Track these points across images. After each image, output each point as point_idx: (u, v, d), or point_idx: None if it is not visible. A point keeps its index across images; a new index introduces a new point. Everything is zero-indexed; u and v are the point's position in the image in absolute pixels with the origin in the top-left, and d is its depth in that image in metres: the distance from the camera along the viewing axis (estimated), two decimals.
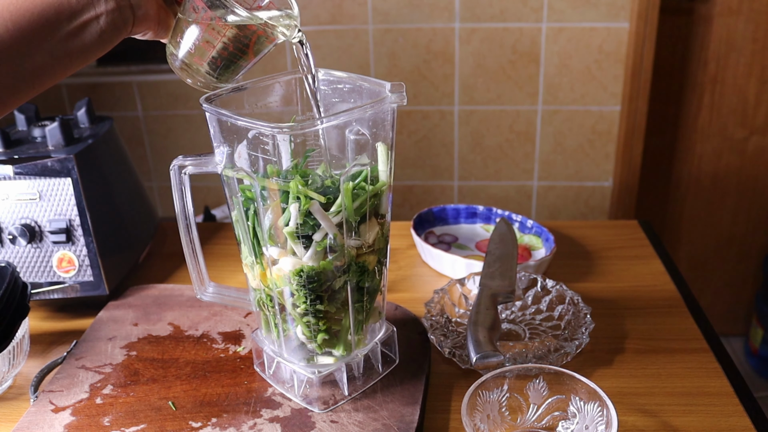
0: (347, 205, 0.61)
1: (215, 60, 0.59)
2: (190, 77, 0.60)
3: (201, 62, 0.59)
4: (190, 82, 0.61)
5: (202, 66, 0.59)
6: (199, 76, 0.60)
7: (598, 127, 1.97)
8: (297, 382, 0.68)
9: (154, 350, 0.78)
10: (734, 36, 1.93)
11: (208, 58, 0.59)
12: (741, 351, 2.28)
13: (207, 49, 0.58)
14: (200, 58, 0.59)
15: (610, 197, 2.06)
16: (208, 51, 0.58)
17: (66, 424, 0.66)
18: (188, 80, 0.61)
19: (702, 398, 0.69)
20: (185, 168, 0.66)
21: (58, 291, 0.86)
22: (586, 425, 0.61)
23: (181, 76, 0.61)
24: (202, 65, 0.59)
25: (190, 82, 0.61)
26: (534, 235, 1.01)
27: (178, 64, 0.60)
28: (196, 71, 0.60)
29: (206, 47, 0.58)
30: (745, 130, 2.04)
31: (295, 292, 0.63)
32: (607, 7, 1.83)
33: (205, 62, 0.59)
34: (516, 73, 1.93)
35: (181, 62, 0.59)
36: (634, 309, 0.85)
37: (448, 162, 2.06)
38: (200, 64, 0.59)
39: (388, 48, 1.93)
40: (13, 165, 0.83)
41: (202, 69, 0.59)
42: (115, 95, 2.06)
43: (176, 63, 0.60)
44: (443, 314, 0.80)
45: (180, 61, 0.59)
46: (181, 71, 0.60)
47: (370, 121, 0.61)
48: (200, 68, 0.59)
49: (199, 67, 0.59)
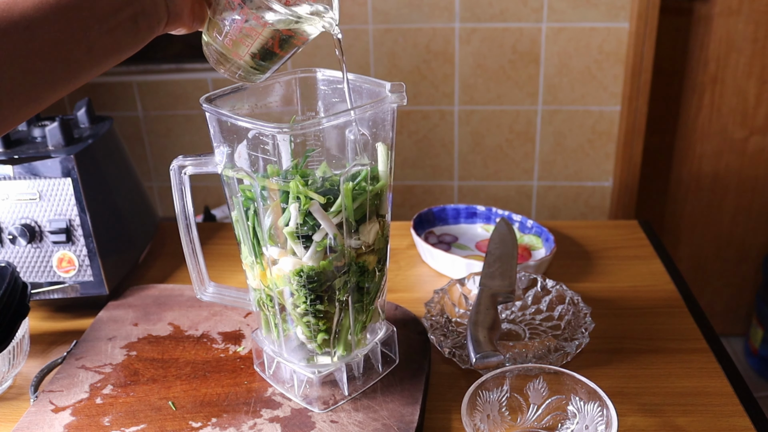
0: (347, 206, 0.61)
1: (254, 55, 0.58)
2: (227, 70, 0.59)
3: (239, 56, 0.58)
4: (225, 74, 0.60)
5: (240, 59, 0.58)
6: (236, 67, 0.59)
7: (598, 127, 1.97)
8: (297, 382, 0.68)
9: (154, 350, 0.78)
10: (734, 36, 1.93)
11: (246, 54, 0.58)
12: (741, 351, 2.28)
13: (244, 44, 0.57)
14: (237, 52, 0.58)
15: (610, 197, 2.06)
16: (246, 46, 0.57)
17: (66, 424, 0.66)
18: (222, 71, 0.60)
19: (702, 398, 0.69)
20: (185, 168, 0.67)
21: (58, 291, 0.86)
22: (586, 425, 0.61)
23: (216, 68, 0.60)
24: (241, 59, 0.58)
25: (226, 74, 0.60)
26: (534, 235, 1.01)
27: (215, 56, 0.59)
28: (233, 63, 0.59)
29: (244, 42, 0.57)
30: (745, 130, 2.04)
31: (295, 292, 0.63)
32: (607, 7, 1.83)
33: (244, 56, 0.58)
34: (516, 73, 1.93)
35: (217, 54, 0.58)
36: (634, 309, 0.85)
37: (448, 162, 2.06)
38: (238, 57, 0.58)
39: (388, 48, 1.93)
40: (13, 165, 0.83)
41: (240, 62, 0.58)
42: (115, 95, 2.06)
43: (212, 55, 0.59)
44: (443, 314, 0.80)
45: (217, 53, 0.58)
46: (218, 64, 0.59)
47: (370, 121, 0.61)
48: (238, 61, 0.58)
49: (237, 60, 0.58)
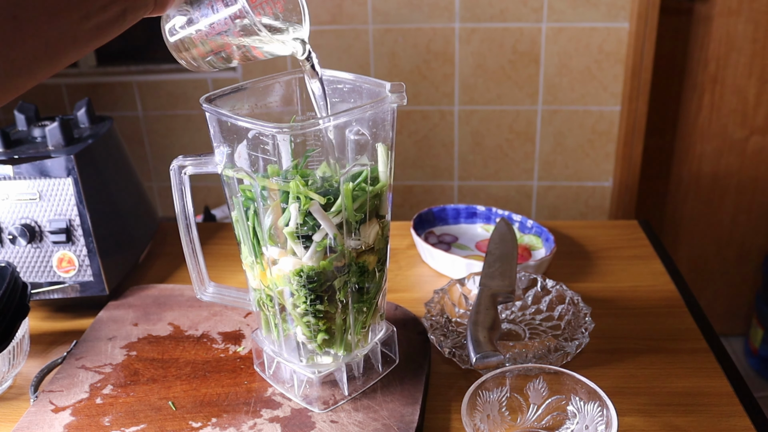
0: (347, 206, 0.61)
1: (217, 57, 0.57)
2: (182, 57, 0.59)
3: (201, 54, 0.57)
4: (177, 58, 0.59)
5: (201, 56, 0.58)
6: (192, 59, 0.58)
7: (598, 127, 1.97)
8: (297, 382, 0.68)
9: (154, 350, 0.78)
10: (734, 36, 1.93)
11: (209, 55, 0.57)
12: (741, 351, 2.28)
13: (212, 45, 0.56)
14: (201, 49, 0.57)
15: (610, 197, 2.06)
16: (213, 49, 0.57)
17: (66, 424, 0.66)
18: (176, 56, 0.59)
19: (702, 398, 0.69)
20: (185, 168, 0.66)
21: (58, 291, 0.86)
22: (586, 425, 0.61)
23: (171, 51, 0.59)
24: (203, 56, 0.58)
25: (179, 59, 0.59)
26: (534, 235, 1.01)
27: (176, 44, 0.58)
28: (192, 55, 0.58)
29: (212, 43, 0.56)
30: (745, 130, 2.04)
31: (295, 292, 0.63)
32: (607, 7, 1.83)
33: (207, 55, 0.57)
34: (516, 73, 1.93)
35: (180, 43, 0.58)
36: (634, 309, 0.85)
37: (448, 162, 2.06)
38: (200, 54, 0.57)
39: (388, 48, 1.93)
40: (13, 165, 0.83)
41: (199, 57, 0.58)
42: (115, 95, 2.06)
43: (172, 41, 0.58)
44: (443, 314, 0.80)
45: (177, 42, 0.58)
46: (176, 50, 0.58)
47: (370, 121, 0.61)
48: (198, 56, 0.58)
49: (197, 55, 0.58)
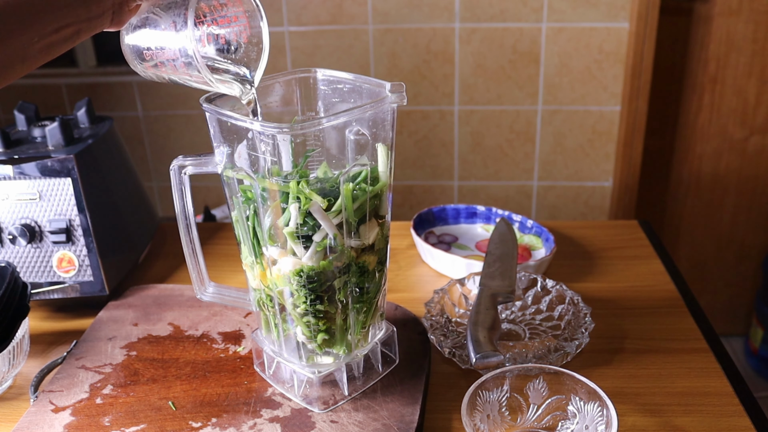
0: (347, 206, 0.61)
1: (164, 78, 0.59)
2: (135, 68, 0.60)
3: (151, 70, 0.59)
4: (132, 66, 0.60)
5: (151, 72, 0.59)
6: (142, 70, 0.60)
7: (598, 127, 1.97)
8: (297, 382, 0.68)
9: (154, 350, 0.78)
10: (734, 36, 1.93)
11: (159, 75, 0.59)
12: (741, 351, 2.28)
13: (161, 70, 0.58)
14: (153, 68, 0.58)
15: (610, 197, 2.06)
16: (162, 71, 0.58)
17: (66, 424, 0.66)
18: (132, 66, 0.60)
19: (702, 398, 0.69)
20: (185, 168, 0.67)
21: (58, 291, 0.86)
22: (586, 425, 0.61)
23: (125, 56, 0.60)
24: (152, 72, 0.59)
25: (132, 66, 0.60)
26: (534, 235, 1.01)
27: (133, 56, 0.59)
28: (140, 69, 0.60)
29: (161, 68, 0.58)
30: (745, 130, 2.04)
31: (295, 292, 0.63)
32: (607, 7, 1.83)
33: (157, 74, 0.59)
34: (516, 73, 1.93)
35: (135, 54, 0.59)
36: (634, 309, 0.85)
37: (448, 162, 2.06)
38: (149, 70, 0.59)
39: (388, 48, 1.93)
40: (13, 165, 0.83)
41: (149, 73, 0.59)
42: (115, 95, 2.06)
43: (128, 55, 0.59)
44: (443, 314, 0.80)
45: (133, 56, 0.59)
46: (132, 61, 0.60)
47: (370, 121, 0.61)
48: (146, 71, 0.59)
49: (146, 70, 0.59)
